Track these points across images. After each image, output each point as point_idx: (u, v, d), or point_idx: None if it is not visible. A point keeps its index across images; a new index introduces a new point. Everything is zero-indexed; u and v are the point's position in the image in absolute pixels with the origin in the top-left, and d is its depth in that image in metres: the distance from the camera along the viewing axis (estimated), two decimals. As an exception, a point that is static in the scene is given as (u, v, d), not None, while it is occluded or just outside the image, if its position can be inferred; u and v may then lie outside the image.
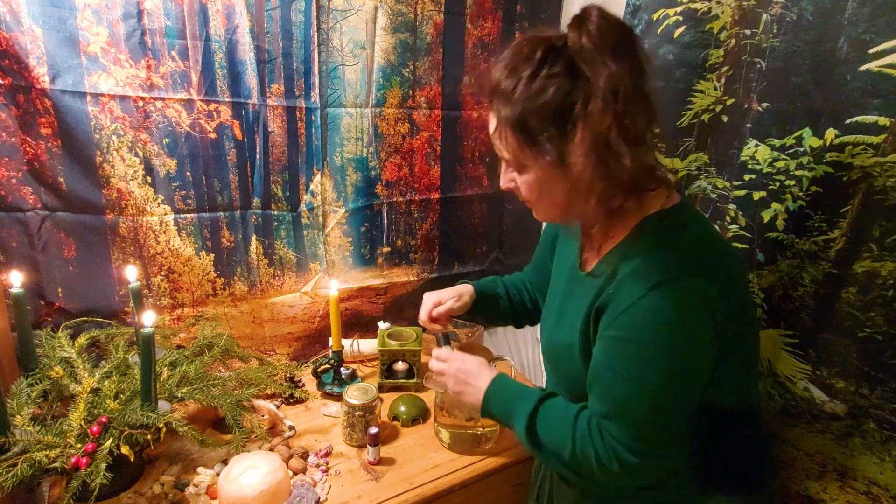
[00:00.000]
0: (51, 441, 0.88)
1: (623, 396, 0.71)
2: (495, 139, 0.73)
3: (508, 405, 0.83)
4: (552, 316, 0.88)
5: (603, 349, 0.73)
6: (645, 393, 0.69)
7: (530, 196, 0.76)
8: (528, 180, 0.74)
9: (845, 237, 0.94)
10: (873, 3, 0.88)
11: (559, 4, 1.58)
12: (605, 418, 0.73)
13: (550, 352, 0.88)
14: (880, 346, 0.91)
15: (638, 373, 0.69)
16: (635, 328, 0.69)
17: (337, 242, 1.46)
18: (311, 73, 1.29)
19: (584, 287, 0.80)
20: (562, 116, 0.67)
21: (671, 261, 0.70)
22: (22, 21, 1.00)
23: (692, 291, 0.68)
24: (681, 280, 0.68)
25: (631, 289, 0.69)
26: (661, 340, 0.68)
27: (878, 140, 0.89)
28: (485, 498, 1.16)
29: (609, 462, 0.72)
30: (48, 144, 1.07)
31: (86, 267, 1.16)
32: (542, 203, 0.77)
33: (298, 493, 1.00)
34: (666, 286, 0.67)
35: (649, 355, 0.69)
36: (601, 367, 0.73)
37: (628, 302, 0.69)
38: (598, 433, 0.73)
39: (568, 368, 0.82)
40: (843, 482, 0.98)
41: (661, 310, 0.67)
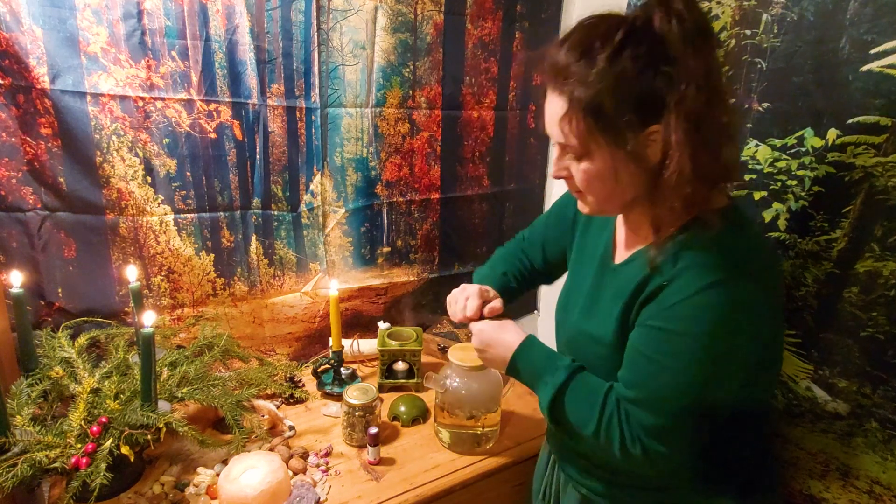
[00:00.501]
0: (51, 441, 0.87)
1: (660, 387, 0.70)
2: (561, 124, 0.69)
3: (537, 368, 0.82)
4: (578, 305, 0.86)
5: (644, 338, 0.72)
6: (683, 387, 0.69)
7: (587, 185, 0.73)
8: (588, 168, 0.71)
9: (847, 237, 0.94)
10: (875, 4, 0.87)
11: (559, 4, 1.58)
12: (635, 405, 0.72)
13: (574, 340, 0.86)
14: (882, 345, 0.91)
15: (680, 366, 0.68)
16: (687, 322, 0.67)
17: (337, 242, 1.46)
18: (311, 73, 1.29)
19: (619, 278, 0.79)
20: (645, 102, 0.65)
21: (733, 260, 0.68)
22: (22, 21, 1.00)
23: (750, 294, 0.67)
24: (741, 281, 0.67)
25: (688, 282, 0.67)
26: (712, 338, 0.67)
27: (879, 140, 0.89)
28: (485, 498, 1.16)
29: (632, 446, 0.71)
30: (48, 144, 1.07)
31: (86, 267, 1.16)
32: (599, 193, 0.74)
33: (298, 493, 1.00)
34: (726, 286, 0.66)
35: (696, 351, 0.67)
36: (639, 355, 0.72)
37: (683, 295, 0.67)
38: (625, 416, 0.73)
39: (593, 357, 0.81)
40: (846, 481, 0.98)
41: (717, 308, 0.66)
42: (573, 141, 0.70)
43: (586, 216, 0.93)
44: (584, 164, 0.71)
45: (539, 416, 1.30)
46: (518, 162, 1.68)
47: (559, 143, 0.73)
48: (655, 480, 0.81)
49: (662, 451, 0.70)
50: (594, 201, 0.76)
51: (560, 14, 1.59)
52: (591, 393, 0.77)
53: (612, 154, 0.68)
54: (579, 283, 0.89)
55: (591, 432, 0.75)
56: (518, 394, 1.39)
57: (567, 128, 0.69)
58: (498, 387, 1.17)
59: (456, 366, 1.13)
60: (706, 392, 0.69)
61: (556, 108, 0.70)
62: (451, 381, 1.14)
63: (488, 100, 1.56)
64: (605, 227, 0.88)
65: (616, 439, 0.72)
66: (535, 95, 1.64)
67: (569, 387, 0.78)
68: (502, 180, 1.67)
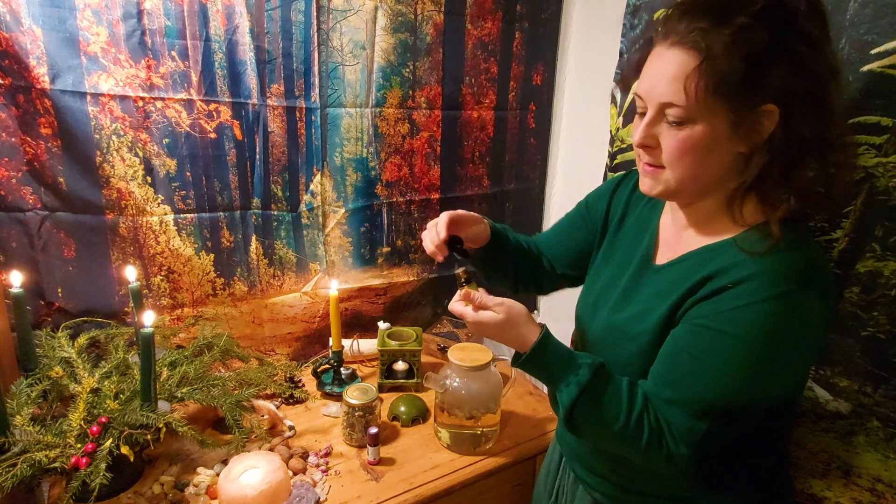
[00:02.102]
0: (51, 441, 0.87)
1: (701, 388, 0.68)
2: (685, 82, 0.64)
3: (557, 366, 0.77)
4: (612, 303, 0.83)
5: (693, 336, 0.69)
6: (724, 391, 0.67)
7: (679, 156, 0.68)
8: (686, 136, 0.66)
9: (848, 237, 0.94)
10: (875, 4, 0.87)
11: (559, 4, 1.58)
12: (669, 404, 0.70)
13: (605, 338, 0.83)
14: (883, 344, 0.91)
15: (727, 369, 0.67)
16: (745, 326, 0.65)
17: (337, 242, 1.46)
18: (311, 73, 1.29)
19: (663, 278, 0.77)
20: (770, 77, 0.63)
21: (804, 272, 0.65)
22: (22, 21, 1.00)
23: (814, 309, 0.66)
24: (809, 295, 0.65)
25: (757, 288, 0.65)
26: (766, 346, 0.65)
27: (880, 140, 0.89)
28: (485, 498, 1.16)
29: (657, 447, 0.70)
30: (48, 144, 1.07)
31: (86, 267, 1.16)
32: (687, 167, 0.69)
33: (298, 493, 1.00)
34: (795, 297, 0.64)
35: (747, 356, 0.66)
36: (682, 353, 0.70)
37: (749, 300, 0.65)
38: (654, 414, 0.71)
39: (619, 353, 0.79)
40: (848, 480, 0.98)
41: (781, 318, 0.64)
42: (690, 101, 0.65)
43: (621, 214, 0.91)
44: (685, 131, 0.66)
45: (539, 416, 1.30)
46: (518, 162, 1.68)
47: (660, 104, 0.67)
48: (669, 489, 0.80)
49: (686, 454, 0.69)
50: (674, 178, 0.70)
51: (560, 14, 1.59)
52: (616, 391, 0.74)
53: (722, 123, 0.65)
54: (611, 281, 0.86)
55: (617, 429, 0.72)
56: (518, 394, 1.39)
57: (691, 86, 0.64)
58: (498, 387, 1.17)
59: (456, 366, 1.13)
60: (746, 399, 0.68)
61: (677, 65, 0.65)
62: (451, 381, 1.14)
63: (488, 100, 1.56)
64: (647, 228, 0.86)
65: (644, 436, 0.70)
66: (536, 95, 1.64)
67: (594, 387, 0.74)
68: (502, 180, 1.67)
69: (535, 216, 1.78)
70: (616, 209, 0.92)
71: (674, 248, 0.79)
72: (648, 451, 0.71)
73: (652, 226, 0.85)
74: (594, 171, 1.46)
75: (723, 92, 0.63)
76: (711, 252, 0.72)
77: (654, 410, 0.71)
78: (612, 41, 1.32)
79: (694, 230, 0.77)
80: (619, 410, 0.72)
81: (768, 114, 0.64)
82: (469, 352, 1.15)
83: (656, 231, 0.84)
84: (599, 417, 0.74)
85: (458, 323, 1.63)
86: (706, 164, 0.68)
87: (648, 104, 0.69)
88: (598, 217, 0.95)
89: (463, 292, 0.84)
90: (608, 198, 0.94)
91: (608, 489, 0.86)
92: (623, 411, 0.72)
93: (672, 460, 0.70)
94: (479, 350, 1.17)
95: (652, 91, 0.68)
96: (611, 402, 0.73)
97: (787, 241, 0.66)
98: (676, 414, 0.70)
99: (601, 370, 0.76)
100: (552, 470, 1.03)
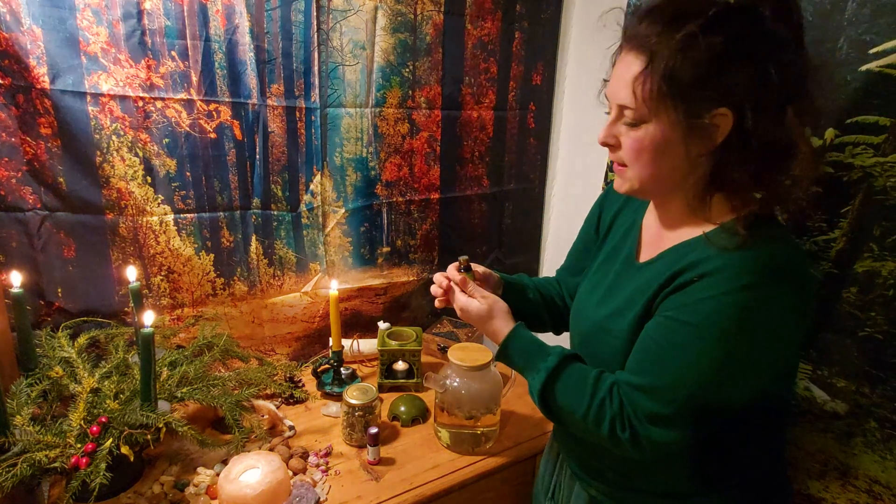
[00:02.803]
0: (51, 441, 0.87)
1: (666, 376, 0.70)
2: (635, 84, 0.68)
3: (528, 354, 0.84)
4: (599, 301, 0.86)
5: (661, 327, 0.71)
6: (692, 382, 0.68)
7: (635, 155, 0.72)
8: (642, 137, 0.70)
9: (846, 237, 0.94)
10: (873, 4, 0.88)
11: (559, 4, 1.59)
12: (637, 390, 0.72)
13: (591, 334, 0.86)
14: (881, 345, 0.91)
15: (692, 359, 0.68)
16: (709, 317, 0.67)
17: (337, 242, 1.46)
18: (311, 73, 1.29)
19: (643, 275, 0.79)
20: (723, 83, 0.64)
21: (769, 266, 0.66)
22: (22, 21, 1.00)
23: (781, 302, 0.66)
24: (774, 288, 0.66)
25: (720, 281, 0.66)
26: (730, 337, 0.66)
27: (878, 140, 0.89)
28: (485, 498, 1.16)
29: (621, 430, 0.72)
30: (48, 144, 1.07)
31: (86, 267, 1.16)
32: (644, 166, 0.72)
33: (298, 493, 1.00)
34: (758, 290, 0.65)
35: (711, 347, 0.67)
36: (651, 342, 0.72)
37: (711, 292, 0.66)
38: (618, 400, 0.73)
39: (602, 349, 0.81)
40: (845, 481, 0.98)
41: (744, 310, 0.65)
42: (639, 103, 0.68)
43: (611, 218, 0.94)
44: (640, 131, 0.70)
45: (538, 415, 1.30)
46: (518, 162, 1.68)
47: (619, 106, 0.71)
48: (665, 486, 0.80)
49: (656, 439, 0.71)
50: (635, 176, 0.74)
51: (560, 14, 1.59)
52: (582, 378, 0.77)
53: (672, 124, 0.67)
54: (599, 281, 0.89)
55: (580, 415, 0.75)
56: (518, 394, 1.39)
57: (639, 88, 0.67)
58: (498, 387, 1.17)
59: (456, 366, 1.13)
60: (713, 389, 0.69)
61: (631, 67, 0.68)
62: (451, 381, 1.14)
63: (488, 100, 1.56)
64: (632, 228, 0.88)
65: (606, 421, 0.73)
66: (536, 95, 1.64)
67: (561, 372, 0.79)
68: (502, 180, 1.67)
69: (535, 216, 1.78)
70: (607, 215, 0.95)
71: (655, 246, 0.81)
72: (612, 434, 0.73)
73: (636, 225, 0.87)
74: (594, 172, 1.47)
75: (670, 95, 0.66)
76: (685, 248, 0.74)
77: (619, 396, 0.74)
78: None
79: (672, 228, 0.79)
80: (583, 394, 0.76)
81: (721, 118, 0.66)
82: (469, 352, 1.16)
83: (640, 230, 0.86)
84: (567, 401, 0.78)
85: (458, 323, 1.63)
86: (663, 164, 0.71)
87: (611, 105, 0.74)
88: (593, 228, 0.99)
89: (461, 278, 0.94)
90: (598, 207, 0.99)
91: (604, 486, 0.87)
92: (587, 396, 0.75)
93: (638, 444, 0.72)
94: (479, 350, 1.17)
95: (611, 93, 0.73)
96: (577, 387, 0.77)
97: (756, 236, 0.68)
98: (643, 399, 0.71)
99: (569, 358, 0.80)
100: (549, 467, 1.04)
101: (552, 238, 1.79)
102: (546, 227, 1.80)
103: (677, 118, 0.67)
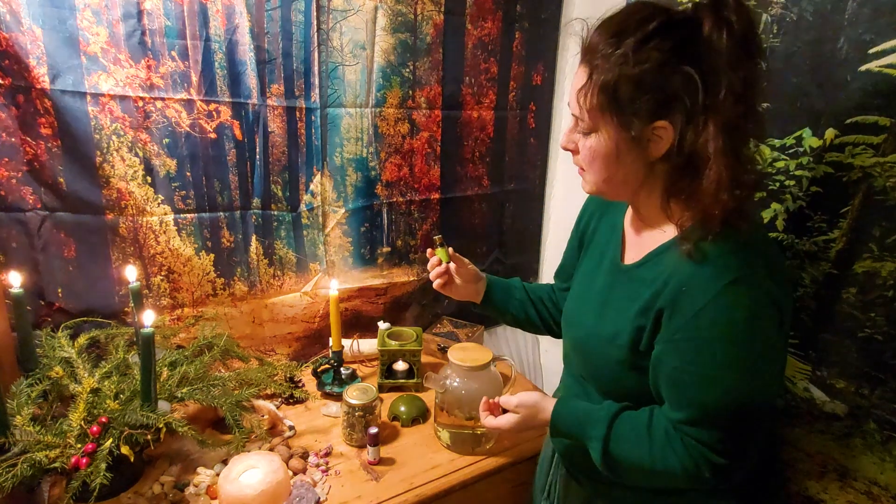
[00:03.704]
0: (51, 441, 0.88)
1: (707, 399, 0.70)
2: (579, 95, 0.72)
3: (578, 427, 0.82)
4: (591, 307, 0.86)
5: (678, 353, 0.71)
6: (729, 393, 0.69)
7: (589, 162, 0.75)
8: (592, 145, 0.74)
9: (845, 237, 0.94)
10: (873, 4, 0.88)
11: (559, 4, 1.58)
12: (689, 424, 0.71)
13: (586, 343, 0.86)
14: (880, 346, 0.91)
15: (721, 372, 0.68)
16: (716, 326, 0.67)
17: (337, 242, 1.46)
18: (311, 73, 1.29)
19: (632, 279, 0.79)
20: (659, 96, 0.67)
21: (747, 258, 0.68)
22: (22, 21, 1.00)
23: (769, 290, 0.67)
24: (757, 278, 0.67)
25: (707, 283, 0.67)
26: (744, 337, 0.67)
27: (878, 140, 0.89)
28: (485, 498, 1.16)
29: (697, 469, 0.71)
30: (48, 144, 1.07)
31: (86, 267, 1.16)
32: (598, 172, 0.75)
33: (298, 493, 1.00)
34: (744, 283, 0.66)
35: (733, 352, 0.67)
36: (677, 372, 0.71)
37: (704, 299, 0.67)
38: (679, 442, 0.72)
39: (604, 360, 0.81)
40: (844, 482, 0.98)
41: (741, 306, 0.66)
42: (584, 115, 0.72)
43: (595, 223, 0.95)
44: (591, 140, 0.74)
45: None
46: (518, 162, 1.68)
47: (573, 116, 0.75)
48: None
49: (727, 464, 0.70)
50: (592, 180, 0.78)
51: (560, 14, 1.59)
52: (634, 430, 0.76)
53: (616, 136, 0.71)
54: (591, 287, 0.89)
55: (648, 469, 0.74)
56: (517, 394, 1.39)
57: (582, 100, 0.71)
58: (498, 387, 1.17)
59: (456, 366, 1.13)
60: (753, 391, 0.69)
61: (578, 79, 0.73)
62: (451, 381, 1.14)
63: (488, 100, 1.56)
64: (614, 230, 0.88)
65: (677, 468, 0.72)
66: (536, 95, 1.64)
67: (612, 434, 0.77)
68: (502, 180, 1.67)
69: (535, 216, 1.78)
70: (592, 219, 0.96)
71: (638, 247, 0.82)
72: (691, 478, 0.72)
73: (619, 226, 0.88)
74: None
75: (608, 108, 0.69)
76: (662, 254, 0.76)
77: (677, 437, 0.73)
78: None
79: (649, 227, 0.80)
80: (641, 453, 0.75)
81: (662, 130, 0.68)
82: (469, 352, 1.16)
83: (622, 232, 0.87)
84: (631, 461, 0.76)
85: (458, 323, 1.63)
86: (614, 170, 0.74)
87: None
88: (578, 233, 1.00)
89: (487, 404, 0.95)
90: (583, 213, 1.00)
91: (599, 484, 0.87)
92: (645, 454, 0.74)
93: (721, 474, 0.71)
94: (479, 350, 1.17)
95: (569, 102, 0.76)
96: (633, 447, 0.76)
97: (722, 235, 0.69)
98: (701, 431, 0.71)
99: (615, 416, 0.78)
100: (545, 466, 1.04)
101: (552, 238, 1.79)
102: (546, 227, 1.80)
103: (617, 130, 0.70)
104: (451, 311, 1.68)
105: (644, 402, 0.78)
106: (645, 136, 0.69)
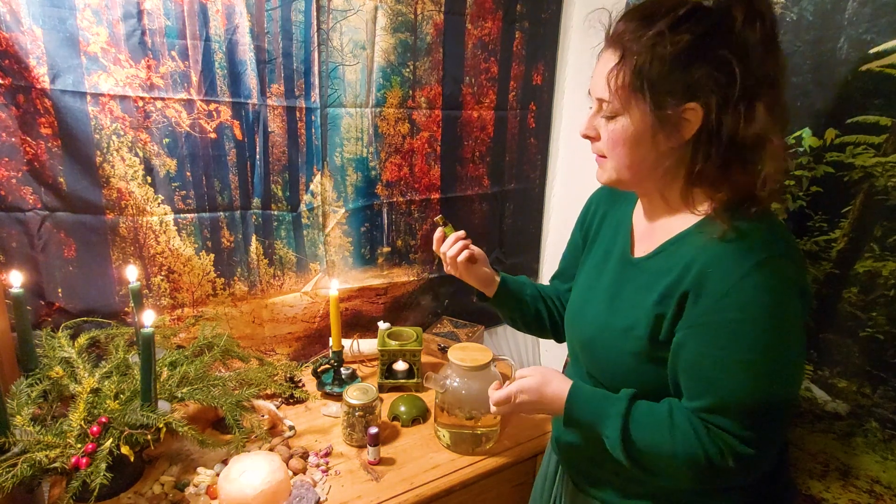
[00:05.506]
0: (51, 441, 0.87)
1: (733, 385, 0.68)
2: (609, 76, 0.71)
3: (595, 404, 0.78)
4: (600, 302, 0.84)
5: (702, 337, 0.69)
6: (756, 377, 0.67)
7: (612, 146, 0.74)
8: (617, 129, 0.73)
9: (847, 237, 0.94)
10: (874, 4, 0.88)
11: (559, 4, 1.58)
12: (712, 412, 0.69)
13: (598, 338, 0.83)
14: (882, 345, 0.91)
15: (748, 355, 0.67)
16: (743, 307, 0.66)
17: (337, 242, 1.46)
18: (311, 73, 1.29)
19: (644, 271, 0.78)
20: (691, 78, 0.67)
21: (769, 240, 0.68)
22: (22, 21, 1.00)
23: (792, 272, 0.67)
24: (781, 260, 0.67)
25: (731, 266, 0.67)
26: (771, 318, 0.66)
27: (879, 140, 0.89)
28: (485, 498, 1.16)
29: (721, 459, 0.69)
30: (48, 144, 1.07)
31: (86, 267, 1.16)
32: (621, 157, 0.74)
33: (298, 493, 1.00)
34: (770, 264, 0.66)
35: (759, 334, 0.66)
36: (701, 358, 0.69)
37: (730, 282, 0.66)
38: (703, 430, 0.70)
39: (618, 354, 0.79)
40: (846, 481, 0.98)
41: (768, 287, 0.65)
42: (613, 95, 0.71)
43: (599, 219, 0.94)
44: (616, 123, 0.73)
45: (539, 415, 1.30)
46: (518, 162, 1.68)
47: (598, 99, 0.75)
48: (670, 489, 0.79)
49: (754, 454, 0.68)
50: (613, 167, 0.76)
51: (560, 14, 1.59)
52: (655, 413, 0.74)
53: (642, 117, 0.70)
54: (597, 282, 0.87)
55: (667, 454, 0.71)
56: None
57: (612, 81, 0.71)
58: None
59: (456, 366, 1.13)
60: (782, 379, 0.68)
61: (608, 62, 0.72)
62: (451, 381, 1.14)
63: (488, 100, 1.56)
64: (622, 224, 0.88)
65: (701, 458, 0.69)
66: (536, 95, 1.64)
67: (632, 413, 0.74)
68: (502, 180, 1.67)
69: (535, 216, 1.78)
70: (594, 220, 0.96)
71: (648, 240, 0.81)
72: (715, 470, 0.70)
73: (626, 221, 0.87)
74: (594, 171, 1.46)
75: (640, 89, 0.69)
76: (679, 242, 0.75)
77: (702, 425, 0.70)
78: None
79: (661, 221, 0.79)
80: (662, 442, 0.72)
81: (691, 112, 0.68)
82: (469, 352, 1.16)
83: (630, 225, 0.86)
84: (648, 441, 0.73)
85: (458, 323, 1.63)
86: (638, 155, 0.74)
87: (593, 99, 0.77)
88: (580, 235, 0.99)
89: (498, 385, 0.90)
90: (584, 214, 0.99)
91: (610, 495, 0.85)
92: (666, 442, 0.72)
93: (747, 465, 0.69)
94: (479, 350, 1.17)
95: (592, 87, 0.76)
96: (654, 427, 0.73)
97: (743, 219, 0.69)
98: (726, 419, 0.69)
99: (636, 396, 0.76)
100: (549, 478, 1.02)
101: (552, 238, 1.79)
102: (546, 227, 1.80)
103: (647, 110, 0.70)
104: (451, 311, 1.68)
105: (660, 398, 0.76)
106: (670, 119, 0.69)
